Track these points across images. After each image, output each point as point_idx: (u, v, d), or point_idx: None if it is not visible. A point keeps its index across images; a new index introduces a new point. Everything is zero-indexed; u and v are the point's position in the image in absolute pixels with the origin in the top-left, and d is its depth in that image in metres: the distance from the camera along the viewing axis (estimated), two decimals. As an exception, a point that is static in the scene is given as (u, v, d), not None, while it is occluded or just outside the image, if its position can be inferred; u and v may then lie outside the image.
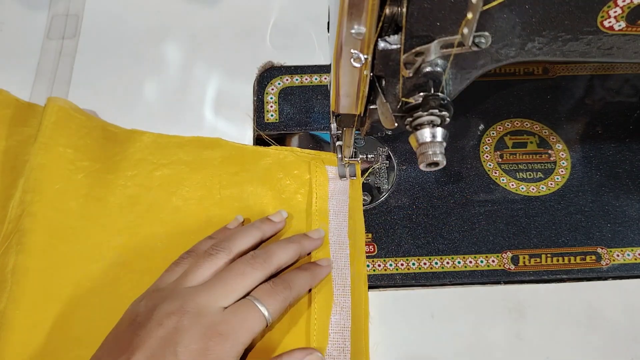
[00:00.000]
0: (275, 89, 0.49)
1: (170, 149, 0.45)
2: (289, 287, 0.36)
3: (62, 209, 0.41)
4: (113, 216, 0.42)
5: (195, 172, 0.44)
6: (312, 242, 0.40)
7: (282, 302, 0.35)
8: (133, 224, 0.42)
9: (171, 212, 0.42)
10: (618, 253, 0.42)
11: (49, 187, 0.41)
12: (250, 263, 0.35)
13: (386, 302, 0.40)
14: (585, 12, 0.28)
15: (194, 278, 0.35)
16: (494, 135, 0.47)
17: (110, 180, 0.43)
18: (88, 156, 0.43)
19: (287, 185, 0.44)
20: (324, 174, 0.44)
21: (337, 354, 0.37)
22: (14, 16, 0.53)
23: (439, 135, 0.30)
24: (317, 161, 0.44)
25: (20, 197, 0.41)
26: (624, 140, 0.47)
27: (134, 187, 0.43)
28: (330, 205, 0.43)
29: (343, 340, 0.38)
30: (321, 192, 0.43)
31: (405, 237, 0.43)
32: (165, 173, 0.44)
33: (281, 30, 0.53)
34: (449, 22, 0.27)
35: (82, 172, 0.43)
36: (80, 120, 0.45)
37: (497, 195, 0.44)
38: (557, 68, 0.50)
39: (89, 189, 0.42)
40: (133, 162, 0.44)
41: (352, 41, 0.27)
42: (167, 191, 0.43)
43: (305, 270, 0.38)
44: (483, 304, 0.40)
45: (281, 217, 0.41)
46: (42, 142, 0.42)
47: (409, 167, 0.46)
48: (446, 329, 0.40)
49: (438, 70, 0.29)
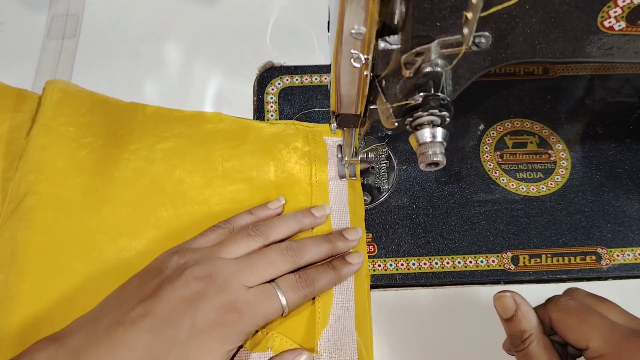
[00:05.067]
0: (275, 89, 0.49)
1: (171, 122, 0.46)
2: (313, 285, 0.36)
3: (67, 186, 0.42)
4: (118, 189, 0.42)
5: (197, 146, 0.45)
6: (346, 243, 0.40)
7: (302, 297, 0.36)
8: (138, 196, 0.42)
9: (175, 184, 0.43)
10: (618, 253, 0.42)
11: (53, 166, 0.42)
12: (282, 254, 0.36)
13: (386, 302, 0.40)
14: (585, 12, 0.28)
15: (228, 251, 0.36)
16: (494, 135, 0.47)
17: (114, 155, 0.44)
18: (91, 132, 0.44)
19: (288, 156, 0.45)
20: (323, 146, 0.45)
21: (341, 314, 0.38)
22: (14, 16, 0.53)
23: (439, 135, 0.30)
24: (315, 134, 0.46)
25: (21, 176, 0.41)
26: (624, 140, 0.47)
27: (137, 160, 0.44)
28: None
29: (347, 300, 0.39)
30: (320, 164, 0.44)
31: (405, 237, 0.43)
32: (168, 146, 0.44)
33: (281, 30, 0.53)
34: (449, 23, 0.27)
35: (86, 149, 0.43)
36: (80, 97, 0.46)
37: (497, 195, 0.44)
38: (557, 68, 0.50)
39: (93, 164, 0.43)
40: (136, 135, 0.45)
41: (352, 41, 0.27)
42: (170, 164, 0.44)
43: (334, 270, 0.38)
44: (483, 304, 0.40)
45: (323, 212, 0.41)
46: (42, 124, 0.43)
47: (409, 167, 0.46)
48: (446, 329, 0.40)
49: (438, 70, 0.29)
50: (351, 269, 0.39)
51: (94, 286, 0.38)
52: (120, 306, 0.33)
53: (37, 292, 0.38)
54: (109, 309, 0.33)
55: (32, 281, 0.38)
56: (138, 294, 0.33)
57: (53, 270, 0.39)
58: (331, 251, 0.39)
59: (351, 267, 0.39)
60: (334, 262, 0.39)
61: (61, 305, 0.38)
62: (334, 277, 0.38)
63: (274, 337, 0.37)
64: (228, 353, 0.33)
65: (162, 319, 0.32)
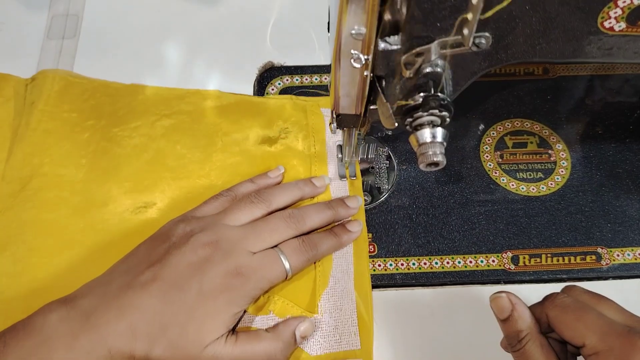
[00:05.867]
0: (275, 89, 0.49)
1: (171, 100, 0.47)
2: (315, 249, 0.38)
3: (72, 166, 0.43)
4: (121, 166, 0.44)
5: (196, 122, 0.46)
6: (347, 210, 0.41)
7: (305, 262, 0.37)
8: (141, 171, 0.44)
9: (176, 159, 0.44)
10: (618, 253, 0.42)
11: (57, 150, 0.44)
12: (285, 221, 0.37)
13: (386, 302, 0.40)
14: (585, 12, 0.28)
15: (232, 218, 0.37)
16: (494, 135, 0.47)
17: (116, 133, 0.45)
18: (93, 115, 0.46)
19: (287, 130, 0.46)
20: (321, 118, 0.46)
21: (340, 276, 0.39)
22: (14, 16, 0.53)
23: (439, 135, 0.30)
24: (314, 106, 0.47)
25: (22, 159, 0.43)
26: (624, 140, 0.47)
27: (138, 137, 0.45)
28: None
29: (347, 264, 0.40)
30: (319, 136, 0.45)
31: (405, 237, 0.43)
32: (168, 123, 0.46)
33: (281, 30, 0.53)
34: (449, 23, 0.27)
35: (88, 131, 0.45)
36: (82, 84, 0.47)
37: (497, 195, 0.44)
38: (557, 68, 0.50)
39: (96, 144, 0.45)
40: (137, 114, 0.46)
41: (352, 41, 0.27)
42: (171, 140, 0.45)
43: (335, 236, 0.39)
44: (483, 304, 0.40)
45: (323, 182, 0.42)
46: (45, 110, 0.45)
47: (409, 167, 0.46)
48: (446, 329, 0.40)
49: (438, 70, 0.29)
50: (351, 237, 0.40)
51: (100, 256, 0.40)
52: (129, 271, 0.34)
53: (46, 266, 0.39)
54: (118, 274, 0.34)
55: (40, 256, 0.40)
56: (146, 260, 0.34)
57: (60, 244, 0.40)
58: (332, 217, 0.40)
59: (351, 234, 0.40)
60: (335, 229, 0.40)
61: (69, 275, 0.39)
62: (335, 243, 0.39)
63: (275, 300, 0.38)
64: (234, 315, 0.34)
65: (170, 283, 0.33)
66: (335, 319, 0.38)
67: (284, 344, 0.35)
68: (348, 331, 0.38)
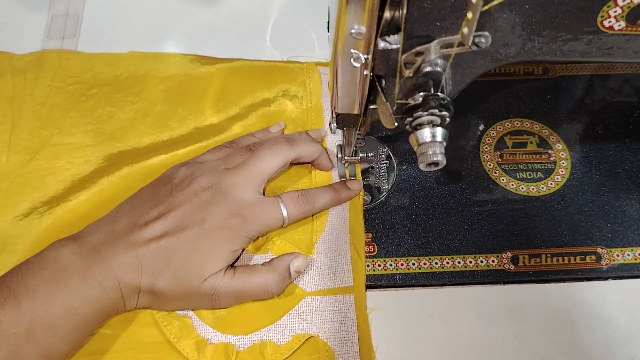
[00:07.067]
0: (275, 89, 0.49)
1: (170, 63, 0.49)
2: (313, 203, 0.40)
3: (79, 133, 0.46)
4: (125, 129, 0.46)
5: (197, 84, 0.48)
6: (349, 193, 0.42)
7: (302, 213, 0.40)
8: (144, 133, 0.46)
9: (179, 120, 0.46)
10: (618, 253, 0.42)
11: (65, 121, 0.46)
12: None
13: (386, 302, 0.40)
14: (585, 12, 0.28)
15: (232, 164, 0.39)
16: (494, 135, 0.47)
17: (119, 98, 0.47)
18: (96, 84, 0.48)
19: (284, 87, 0.48)
20: (317, 74, 0.49)
21: (336, 222, 0.42)
22: (14, 16, 0.53)
23: (439, 135, 0.30)
24: (310, 64, 0.49)
25: (31, 131, 0.45)
26: (624, 140, 0.47)
27: (141, 102, 0.47)
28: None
29: (342, 210, 0.42)
30: (315, 90, 0.48)
31: (405, 237, 0.43)
32: (169, 85, 0.48)
33: (281, 30, 0.53)
34: (449, 22, 0.27)
35: (92, 100, 0.47)
36: (81, 58, 0.50)
37: (497, 195, 0.44)
38: (557, 68, 0.50)
39: (100, 110, 0.47)
40: (138, 78, 0.48)
41: (352, 41, 0.27)
42: (173, 102, 0.47)
43: (334, 192, 0.42)
44: (483, 304, 0.40)
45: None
46: (52, 86, 0.47)
47: (409, 167, 0.46)
48: (446, 329, 0.40)
49: (438, 70, 0.29)
50: (350, 194, 0.42)
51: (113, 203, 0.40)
52: (134, 210, 0.37)
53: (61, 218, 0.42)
54: (124, 213, 0.37)
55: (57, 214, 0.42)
56: (150, 200, 0.37)
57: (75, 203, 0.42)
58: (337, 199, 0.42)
59: (350, 192, 0.42)
60: (335, 185, 0.42)
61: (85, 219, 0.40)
62: (333, 198, 0.41)
63: (274, 241, 0.40)
64: (233, 253, 0.37)
65: (174, 222, 0.35)
66: (330, 259, 0.40)
67: (279, 276, 0.37)
68: (342, 269, 0.40)
